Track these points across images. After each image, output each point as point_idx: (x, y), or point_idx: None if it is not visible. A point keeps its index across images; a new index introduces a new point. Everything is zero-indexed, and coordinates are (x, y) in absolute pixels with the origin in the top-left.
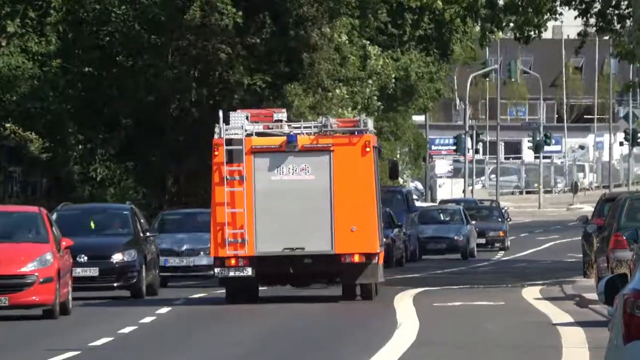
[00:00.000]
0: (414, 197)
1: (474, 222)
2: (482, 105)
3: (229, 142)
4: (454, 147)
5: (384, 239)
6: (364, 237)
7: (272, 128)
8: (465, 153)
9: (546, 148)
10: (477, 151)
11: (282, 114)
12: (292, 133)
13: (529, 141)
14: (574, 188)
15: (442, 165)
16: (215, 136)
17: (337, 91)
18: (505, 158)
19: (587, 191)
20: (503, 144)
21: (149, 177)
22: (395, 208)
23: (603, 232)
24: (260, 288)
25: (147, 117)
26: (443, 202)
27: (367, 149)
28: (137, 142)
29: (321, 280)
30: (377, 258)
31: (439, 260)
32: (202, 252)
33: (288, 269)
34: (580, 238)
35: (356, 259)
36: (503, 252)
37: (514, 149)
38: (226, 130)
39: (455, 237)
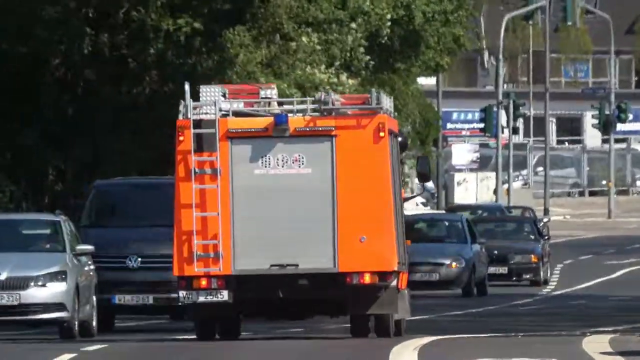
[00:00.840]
0: (422, 201)
1: (484, 240)
2: (523, 62)
3: (198, 124)
4: (481, 126)
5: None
6: (377, 251)
7: (261, 105)
8: (499, 134)
9: (620, 127)
10: (515, 131)
11: (271, 90)
12: (282, 112)
13: (593, 116)
14: None
15: (463, 153)
16: (180, 116)
17: (304, 40)
18: (559, 142)
19: None
20: (555, 120)
21: (20, 169)
22: None
23: None
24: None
25: (16, 79)
26: (452, 208)
27: (381, 134)
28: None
29: (321, 309)
30: (395, 280)
31: (434, 297)
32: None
33: (277, 293)
34: None
35: (367, 279)
36: (541, 286)
37: (571, 127)
38: (194, 108)
39: (450, 263)
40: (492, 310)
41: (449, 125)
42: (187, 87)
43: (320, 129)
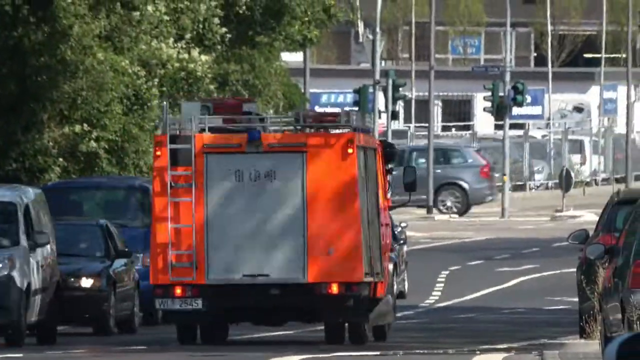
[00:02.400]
0: None
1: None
2: (404, 35)
3: (174, 139)
4: (355, 109)
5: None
6: (344, 262)
7: (238, 122)
8: (375, 119)
9: (516, 111)
10: (395, 116)
11: (252, 105)
12: (255, 129)
13: (485, 99)
14: (565, 182)
15: None
16: (158, 131)
17: (150, 9)
18: (445, 128)
19: (588, 187)
20: (441, 103)
21: None
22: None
23: (615, 258)
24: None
25: None
26: None
27: (350, 150)
28: None
29: (294, 316)
30: (365, 290)
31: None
32: None
33: (250, 302)
34: (574, 270)
35: (334, 289)
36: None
37: (460, 112)
38: (172, 124)
39: None
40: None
41: (317, 109)
42: (164, 103)
43: (292, 145)
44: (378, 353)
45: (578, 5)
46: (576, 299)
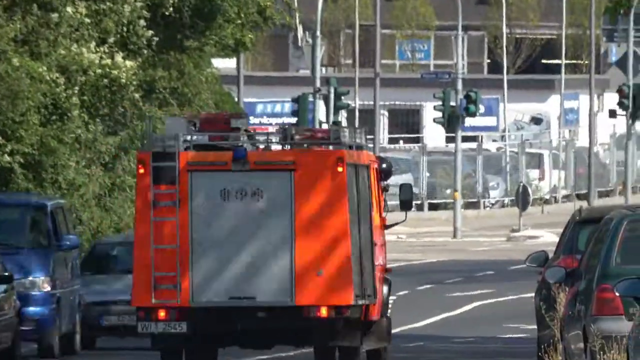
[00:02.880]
0: None
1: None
2: (346, 39)
3: (158, 156)
4: (293, 120)
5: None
6: (333, 285)
7: (226, 139)
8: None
9: (469, 121)
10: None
11: (242, 121)
12: (241, 146)
13: (435, 108)
14: (522, 199)
15: None
16: (141, 148)
17: (69, 10)
18: (392, 140)
19: (547, 204)
20: (387, 113)
21: None
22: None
23: (576, 282)
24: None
25: None
26: None
27: (339, 169)
28: None
29: (283, 339)
30: (356, 313)
31: None
32: None
33: (235, 326)
34: (532, 295)
35: (323, 312)
36: None
37: (407, 122)
38: (156, 140)
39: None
40: (307, 353)
41: (252, 120)
42: (147, 120)
43: (279, 163)
44: None
45: (536, 6)
46: (534, 327)
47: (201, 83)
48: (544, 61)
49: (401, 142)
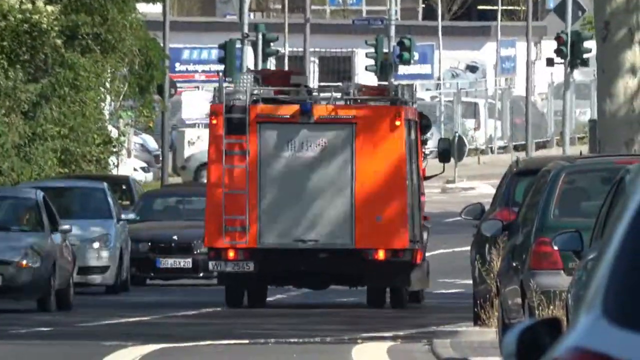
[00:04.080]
0: (142, 165)
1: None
2: None
3: (230, 109)
4: (220, 67)
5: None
6: (391, 229)
7: (287, 93)
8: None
9: (403, 70)
10: None
11: (301, 77)
12: (307, 101)
13: (368, 55)
14: (457, 149)
15: (196, 103)
16: (215, 100)
17: None
18: (322, 87)
19: (483, 155)
20: (317, 60)
21: None
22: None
23: (514, 236)
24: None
25: None
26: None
27: (397, 122)
28: None
29: (339, 280)
30: (408, 256)
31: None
32: None
33: (299, 266)
34: (467, 249)
35: (380, 255)
36: None
37: (338, 70)
38: (227, 94)
39: (20, 261)
40: (241, 310)
41: (178, 67)
42: (220, 73)
43: (342, 117)
44: (247, 342)
45: None
46: (470, 282)
47: (125, 29)
48: (480, 7)
49: (333, 90)
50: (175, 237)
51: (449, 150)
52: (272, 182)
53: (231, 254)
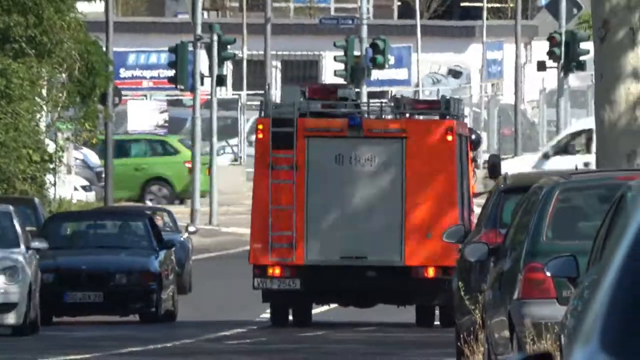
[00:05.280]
0: (83, 184)
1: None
2: None
3: (277, 122)
4: (170, 73)
5: None
6: (441, 247)
7: (334, 107)
8: (197, 86)
9: (377, 74)
10: (221, 81)
11: (348, 91)
12: (356, 114)
13: (337, 59)
14: None
15: (144, 113)
16: (261, 114)
17: None
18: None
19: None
20: (280, 64)
21: None
22: None
23: (501, 261)
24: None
25: None
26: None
27: (449, 137)
28: None
29: (387, 299)
30: None
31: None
32: None
33: (346, 284)
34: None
35: (430, 273)
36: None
37: (304, 76)
38: (274, 107)
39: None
40: (190, 344)
41: (123, 73)
42: (267, 86)
43: (392, 131)
44: None
45: None
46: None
47: (63, 30)
48: (463, 4)
49: None
50: (84, 267)
51: (499, 165)
52: (320, 198)
53: (277, 271)
